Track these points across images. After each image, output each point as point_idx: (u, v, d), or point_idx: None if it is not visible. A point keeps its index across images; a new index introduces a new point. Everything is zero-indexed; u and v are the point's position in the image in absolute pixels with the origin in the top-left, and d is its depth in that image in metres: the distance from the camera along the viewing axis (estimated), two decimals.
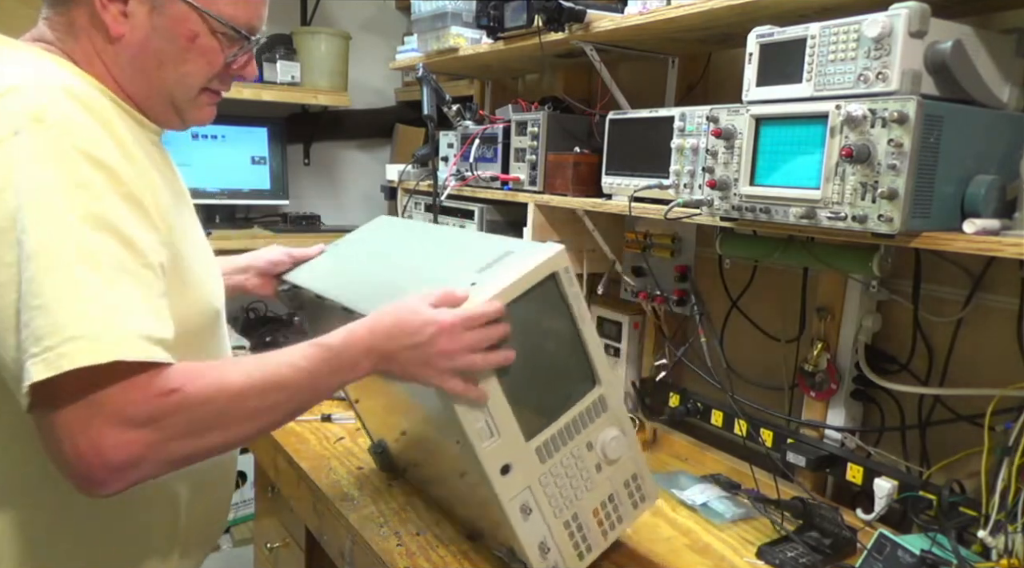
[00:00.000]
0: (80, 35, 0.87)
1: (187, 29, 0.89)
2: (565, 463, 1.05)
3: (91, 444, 0.68)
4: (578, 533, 1.09)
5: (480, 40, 1.91)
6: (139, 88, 0.90)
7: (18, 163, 0.69)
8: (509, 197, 1.85)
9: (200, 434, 0.76)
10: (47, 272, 0.68)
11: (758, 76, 1.16)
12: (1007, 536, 1.08)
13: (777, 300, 1.62)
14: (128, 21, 0.86)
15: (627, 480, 1.16)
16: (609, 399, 1.10)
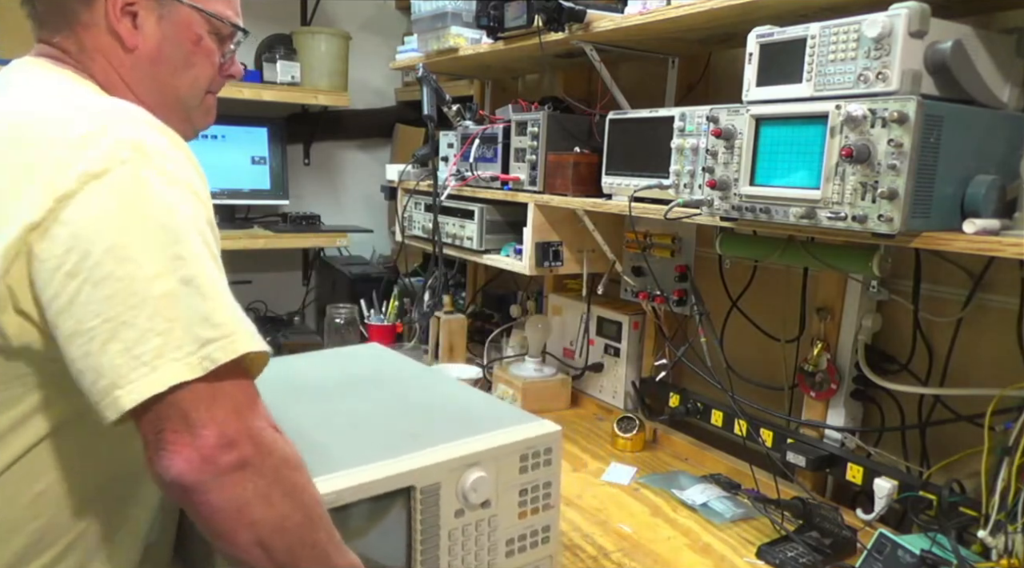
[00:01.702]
0: (95, 55, 0.88)
1: (192, 32, 0.92)
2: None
3: (225, 435, 0.69)
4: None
5: (480, 40, 1.91)
6: (157, 100, 0.92)
7: (130, 187, 0.72)
8: (509, 197, 1.85)
9: (277, 485, 0.72)
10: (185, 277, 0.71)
11: (758, 76, 1.16)
12: (1007, 536, 1.08)
13: (777, 300, 1.62)
14: (139, 32, 0.89)
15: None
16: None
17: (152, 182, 0.73)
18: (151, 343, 0.68)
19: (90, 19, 0.87)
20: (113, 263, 0.69)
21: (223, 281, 0.75)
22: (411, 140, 2.88)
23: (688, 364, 1.75)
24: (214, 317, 0.71)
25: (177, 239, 0.72)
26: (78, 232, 0.70)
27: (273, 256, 2.85)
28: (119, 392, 0.68)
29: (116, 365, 0.68)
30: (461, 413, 1.13)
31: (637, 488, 1.53)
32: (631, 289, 1.87)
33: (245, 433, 0.70)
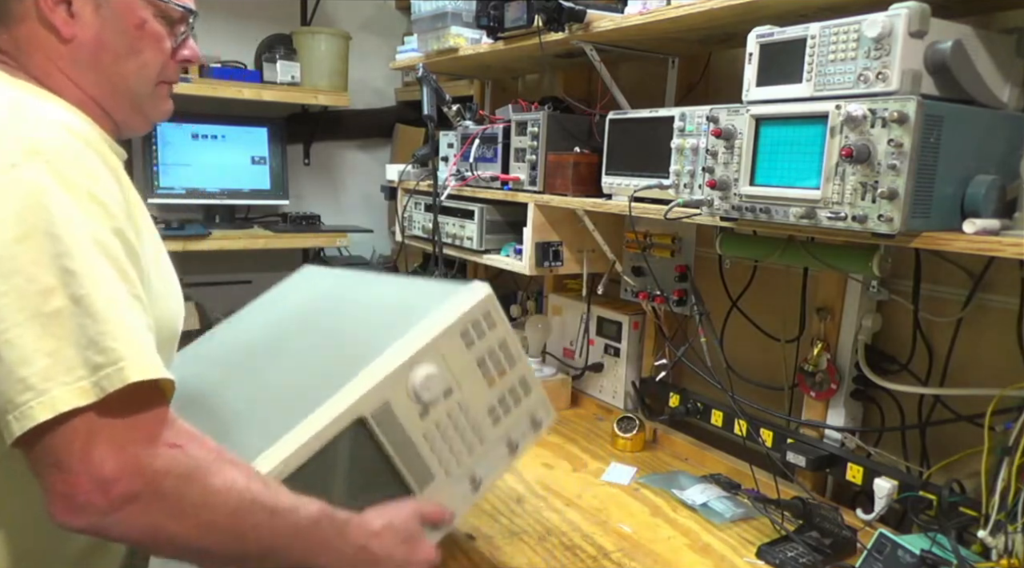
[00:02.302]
0: (32, 50, 0.84)
1: (135, 16, 0.87)
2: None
3: (91, 467, 0.66)
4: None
5: (480, 40, 1.91)
6: (102, 91, 0.87)
7: (21, 194, 0.68)
8: (509, 197, 1.85)
9: (178, 507, 0.70)
10: (75, 295, 0.67)
11: (758, 76, 1.16)
12: (1007, 536, 1.08)
13: (777, 300, 1.62)
14: (76, 21, 0.84)
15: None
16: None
17: (45, 188, 0.68)
18: (37, 366, 0.65)
19: (22, 11, 0.83)
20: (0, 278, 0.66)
21: (123, 300, 0.70)
22: (411, 140, 2.88)
23: (688, 364, 1.75)
24: (103, 341, 0.67)
25: (67, 252, 0.68)
26: None
27: (273, 256, 2.85)
28: (9, 417, 0.65)
29: (6, 389, 0.65)
30: (390, 317, 1.04)
31: (637, 488, 1.53)
32: (631, 289, 1.87)
33: (129, 469, 0.67)
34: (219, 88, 2.42)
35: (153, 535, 0.70)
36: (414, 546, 0.89)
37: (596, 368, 2.01)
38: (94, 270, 0.69)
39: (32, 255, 0.67)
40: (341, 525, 0.83)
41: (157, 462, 0.69)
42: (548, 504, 1.44)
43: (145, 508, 0.68)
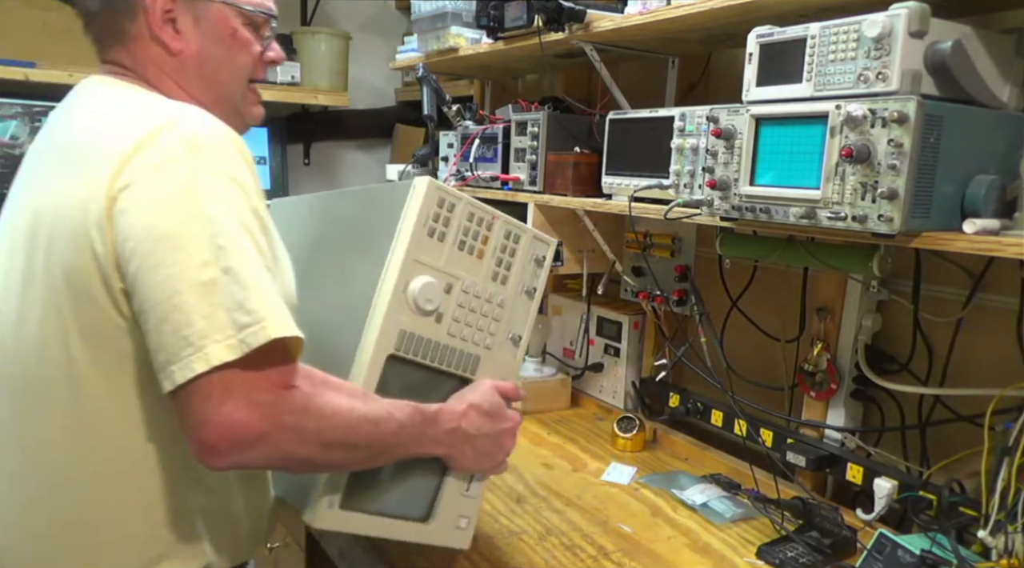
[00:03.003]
0: (146, 63, 0.95)
1: (227, 26, 0.98)
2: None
3: (224, 418, 0.76)
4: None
5: (480, 40, 1.91)
6: (206, 96, 0.98)
7: (185, 177, 0.80)
8: (509, 197, 1.85)
9: (299, 436, 0.81)
10: (226, 267, 0.78)
11: (758, 76, 1.16)
12: (1007, 536, 1.08)
13: (777, 300, 1.62)
14: (181, 36, 0.95)
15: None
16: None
17: (201, 177, 0.80)
18: (196, 326, 0.76)
19: (136, 31, 0.94)
20: (164, 251, 0.77)
21: (262, 270, 0.81)
22: (411, 140, 2.88)
23: (688, 364, 1.75)
24: (248, 304, 0.78)
25: (220, 231, 0.79)
26: (134, 221, 0.78)
27: None
28: (172, 368, 0.76)
29: (169, 344, 0.77)
30: (367, 244, 1.06)
31: (637, 488, 1.53)
32: (631, 289, 1.87)
33: (256, 415, 0.77)
34: None
35: (283, 461, 0.84)
36: (498, 416, 1.04)
37: (596, 368, 2.01)
38: (239, 245, 0.80)
39: (191, 235, 0.78)
40: (432, 416, 0.97)
41: (279, 404, 0.79)
42: (548, 504, 1.44)
43: (273, 443, 0.79)
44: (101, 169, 0.80)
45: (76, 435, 0.86)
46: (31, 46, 2.19)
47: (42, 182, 0.88)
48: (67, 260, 0.82)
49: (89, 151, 0.84)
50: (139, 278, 0.78)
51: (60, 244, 0.82)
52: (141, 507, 0.89)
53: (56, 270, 0.82)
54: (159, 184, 0.79)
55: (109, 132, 0.85)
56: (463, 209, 1.04)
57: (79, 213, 0.80)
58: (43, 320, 0.84)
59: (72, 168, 0.84)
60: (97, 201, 0.79)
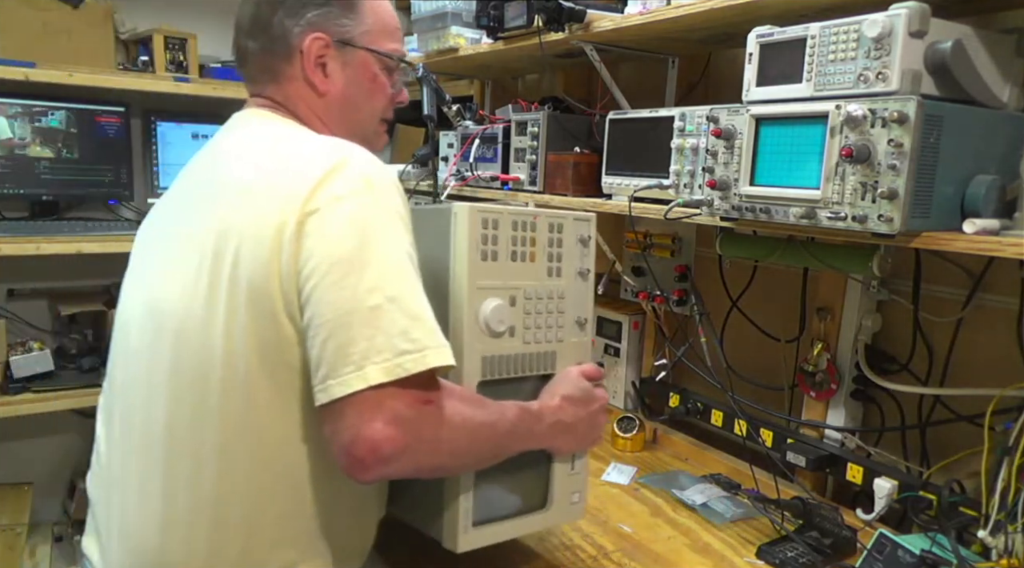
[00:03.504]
0: (297, 101, 1.05)
1: (369, 71, 1.08)
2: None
3: (373, 433, 0.81)
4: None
5: (480, 40, 1.91)
6: (345, 132, 1.05)
7: (362, 210, 0.88)
8: (509, 197, 1.84)
9: (433, 447, 0.88)
10: (391, 295, 0.85)
11: (758, 76, 1.16)
12: (1007, 536, 1.08)
13: (777, 300, 1.62)
14: (329, 79, 1.05)
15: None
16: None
17: (377, 211, 0.88)
18: (359, 347, 0.82)
19: (290, 73, 1.04)
20: (340, 273, 0.84)
21: (423, 300, 0.88)
22: (411, 140, 2.88)
23: (688, 364, 1.75)
24: (412, 333, 0.84)
25: (392, 261, 0.87)
26: (317, 243, 0.86)
27: None
28: (331, 382, 0.83)
29: (332, 360, 0.83)
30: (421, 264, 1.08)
31: (637, 488, 1.53)
32: (631, 289, 1.87)
33: (400, 434, 0.82)
34: (219, 88, 2.42)
35: (417, 471, 0.90)
36: (589, 402, 1.11)
37: None
38: (404, 276, 0.87)
39: (365, 262, 0.85)
40: (536, 413, 1.04)
41: (419, 420, 0.85)
42: None
43: (412, 456, 0.85)
44: (293, 195, 0.88)
45: (246, 441, 0.91)
46: (31, 46, 2.19)
47: (227, 204, 0.93)
48: (252, 275, 0.88)
49: (279, 179, 0.91)
50: (314, 296, 0.85)
51: (247, 261, 0.88)
52: (291, 513, 0.94)
53: (241, 284, 0.88)
54: (341, 213, 0.87)
55: (297, 164, 0.92)
56: (506, 221, 1.05)
57: (272, 232, 0.87)
58: (226, 331, 0.89)
59: (262, 194, 0.90)
60: (289, 224, 0.86)
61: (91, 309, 2.43)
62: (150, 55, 2.41)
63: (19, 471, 2.52)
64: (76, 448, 2.62)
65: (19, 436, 2.51)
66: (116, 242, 2.23)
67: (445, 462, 0.92)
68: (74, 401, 2.27)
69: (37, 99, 2.30)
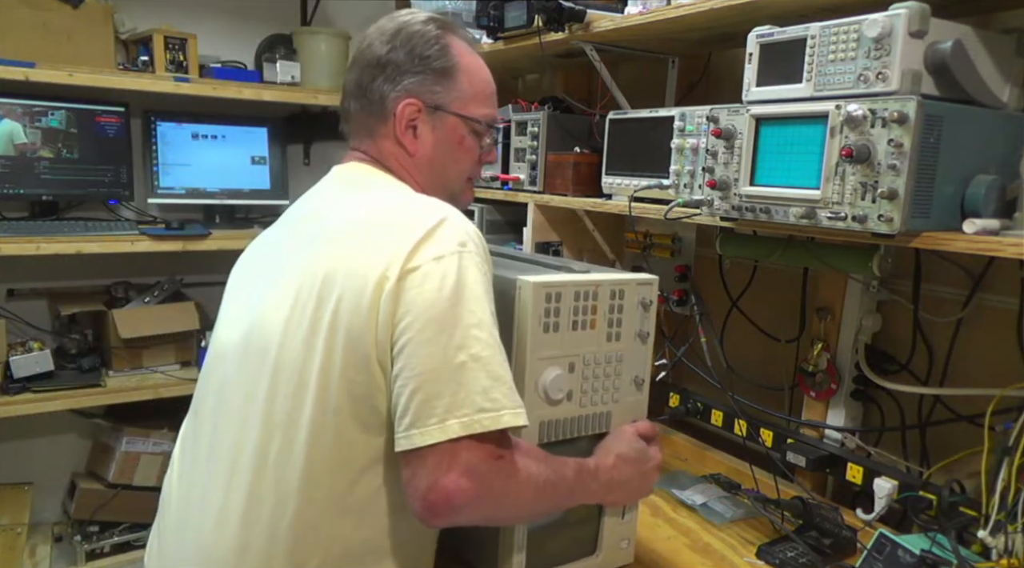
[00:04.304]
0: (389, 158, 1.11)
1: (457, 134, 1.12)
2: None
3: (449, 484, 0.86)
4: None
5: (480, 40, 1.91)
6: (432, 187, 1.11)
7: (457, 271, 0.92)
8: (509, 197, 1.85)
9: (500, 499, 0.92)
10: (476, 355, 0.89)
11: (758, 76, 1.16)
12: (1007, 536, 1.08)
13: (777, 300, 1.62)
14: (419, 141, 1.10)
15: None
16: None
17: (470, 270, 0.93)
18: (443, 401, 0.87)
19: (385, 131, 1.10)
20: (432, 331, 0.89)
21: (504, 361, 0.92)
22: None
23: (688, 364, 1.75)
24: (492, 393, 0.89)
25: (480, 322, 0.91)
26: (414, 299, 0.90)
27: None
28: (414, 431, 0.87)
29: (417, 411, 0.87)
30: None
31: None
32: None
33: (472, 485, 0.86)
34: (219, 88, 2.42)
35: (484, 520, 0.96)
36: (642, 461, 1.11)
37: None
38: (490, 337, 0.91)
39: (456, 321, 0.89)
40: (592, 470, 1.05)
41: (491, 473, 0.89)
42: None
43: (482, 506, 0.89)
44: (397, 252, 0.92)
45: (328, 477, 0.95)
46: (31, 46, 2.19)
47: (333, 249, 0.98)
48: (351, 323, 0.92)
49: (384, 233, 0.96)
50: (407, 350, 0.89)
51: (347, 308, 0.92)
52: (356, 549, 0.97)
53: (340, 330, 0.93)
54: (438, 272, 0.91)
55: (400, 219, 0.98)
56: (569, 293, 1.06)
57: (373, 286, 0.91)
58: (321, 370, 0.93)
59: (367, 245, 0.95)
60: (391, 279, 0.91)
61: (91, 309, 2.43)
62: (150, 55, 2.41)
63: (19, 471, 2.52)
64: (76, 448, 2.62)
65: (19, 436, 2.51)
66: (116, 242, 2.23)
67: (509, 513, 0.98)
68: (74, 401, 2.27)
69: (37, 99, 2.30)
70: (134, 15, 2.48)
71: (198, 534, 0.99)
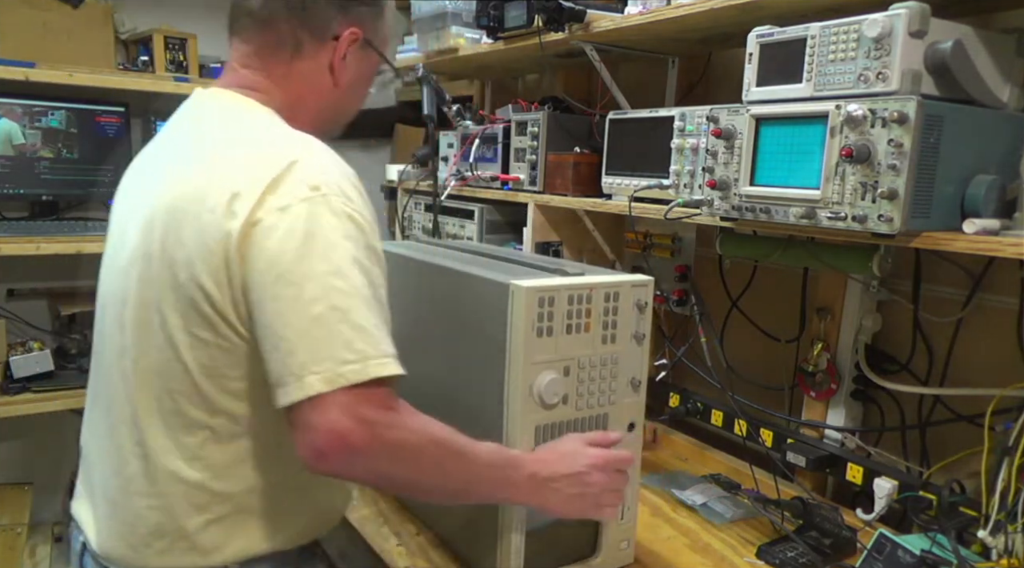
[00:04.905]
0: (299, 83, 1.04)
1: (370, 73, 1.12)
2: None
3: (334, 431, 0.82)
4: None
5: (480, 40, 1.91)
6: (325, 125, 1.07)
7: (306, 220, 0.87)
8: (509, 197, 1.84)
9: (396, 451, 0.87)
10: (334, 305, 0.84)
11: (758, 76, 1.16)
12: (1007, 536, 1.08)
13: (777, 300, 1.62)
14: (346, 71, 1.06)
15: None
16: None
17: (323, 217, 0.87)
18: (299, 357, 0.83)
19: (312, 53, 1.03)
20: (282, 286, 0.85)
21: (372, 309, 0.87)
22: (411, 140, 2.88)
23: (688, 364, 1.75)
24: (356, 344, 0.84)
25: (337, 270, 0.86)
26: (258, 255, 0.86)
27: None
28: (279, 390, 0.85)
29: (276, 369, 0.85)
30: (478, 333, 1.11)
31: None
32: None
33: (359, 428, 0.83)
34: None
35: (378, 477, 0.91)
36: (576, 454, 1.03)
37: None
38: (350, 286, 0.86)
39: (307, 272, 0.85)
40: (511, 459, 1.00)
41: (380, 424, 0.85)
42: None
43: (372, 457, 0.85)
44: (242, 205, 0.87)
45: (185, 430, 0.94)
46: (31, 46, 2.19)
47: (170, 182, 0.95)
48: (202, 281, 0.89)
49: (231, 177, 0.90)
50: (257, 307, 0.87)
51: (198, 268, 0.89)
52: (208, 495, 0.96)
53: (190, 288, 0.90)
54: (284, 224, 0.86)
55: (248, 164, 0.91)
56: (563, 296, 1.05)
57: (218, 246, 0.88)
58: (169, 328, 0.92)
59: (209, 187, 0.90)
60: (234, 234, 0.87)
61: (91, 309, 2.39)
62: (150, 55, 2.41)
63: (19, 471, 2.52)
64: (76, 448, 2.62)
65: (19, 436, 2.51)
66: None
67: (410, 473, 0.90)
68: (74, 401, 2.27)
69: (37, 99, 2.30)
70: (134, 15, 2.48)
71: (103, 480, 1.04)
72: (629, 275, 1.15)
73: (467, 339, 1.13)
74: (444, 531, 1.25)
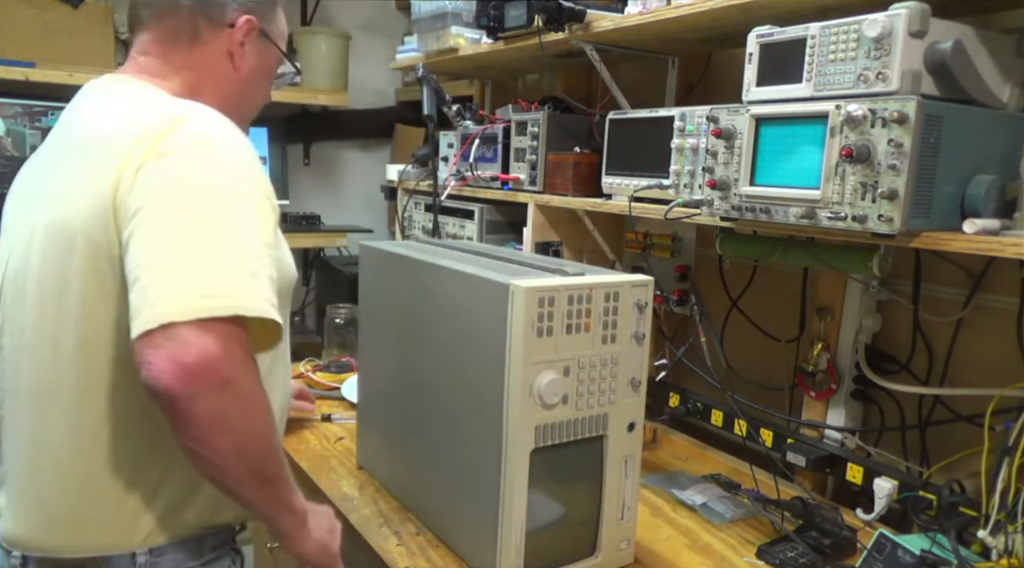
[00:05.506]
0: (200, 70, 1.08)
1: (271, 67, 1.17)
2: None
3: (207, 352, 0.81)
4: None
5: (480, 40, 1.91)
6: (231, 109, 1.06)
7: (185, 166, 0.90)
8: (509, 197, 1.85)
9: (245, 401, 0.86)
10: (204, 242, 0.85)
11: (758, 76, 1.16)
12: (1007, 536, 1.08)
13: (777, 300, 1.62)
14: (245, 60, 1.11)
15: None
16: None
17: (202, 162, 0.89)
18: (158, 288, 0.83)
19: (210, 39, 1.08)
20: (148, 222, 0.86)
21: (248, 247, 0.87)
22: (411, 140, 2.88)
23: (688, 364, 1.75)
24: (220, 275, 0.84)
25: (208, 204, 0.87)
26: (134, 199, 0.87)
27: None
28: (135, 322, 0.83)
29: (136, 302, 0.84)
30: (478, 333, 1.11)
31: None
32: None
33: (228, 358, 0.82)
34: None
35: (221, 420, 0.84)
36: (329, 529, 1.08)
37: None
38: (227, 222, 0.87)
39: (178, 208, 0.86)
40: (293, 487, 0.99)
41: (231, 364, 0.83)
42: None
43: (229, 395, 0.83)
44: (122, 161, 0.89)
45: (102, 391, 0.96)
46: (31, 46, 2.19)
47: (59, 181, 0.98)
48: (96, 240, 0.91)
49: (110, 148, 0.92)
50: (126, 246, 0.87)
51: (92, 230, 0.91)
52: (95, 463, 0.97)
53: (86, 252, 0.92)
54: (161, 169, 0.88)
55: (128, 127, 0.93)
56: (562, 296, 1.05)
57: (102, 204, 0.90)
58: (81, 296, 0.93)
59: (94, 164, 0.92)
60: (113, 191, 0.89)
61: None
62: None
63: None
64: None
65: None
66: None
67: (238, 440, 0.87)
68: None
69: (37, 99, 2.31)
70: None
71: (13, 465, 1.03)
72: (629, 275, 1.15)
73: (467, 339, 1.13)
74: (444, 531, 1.25)
